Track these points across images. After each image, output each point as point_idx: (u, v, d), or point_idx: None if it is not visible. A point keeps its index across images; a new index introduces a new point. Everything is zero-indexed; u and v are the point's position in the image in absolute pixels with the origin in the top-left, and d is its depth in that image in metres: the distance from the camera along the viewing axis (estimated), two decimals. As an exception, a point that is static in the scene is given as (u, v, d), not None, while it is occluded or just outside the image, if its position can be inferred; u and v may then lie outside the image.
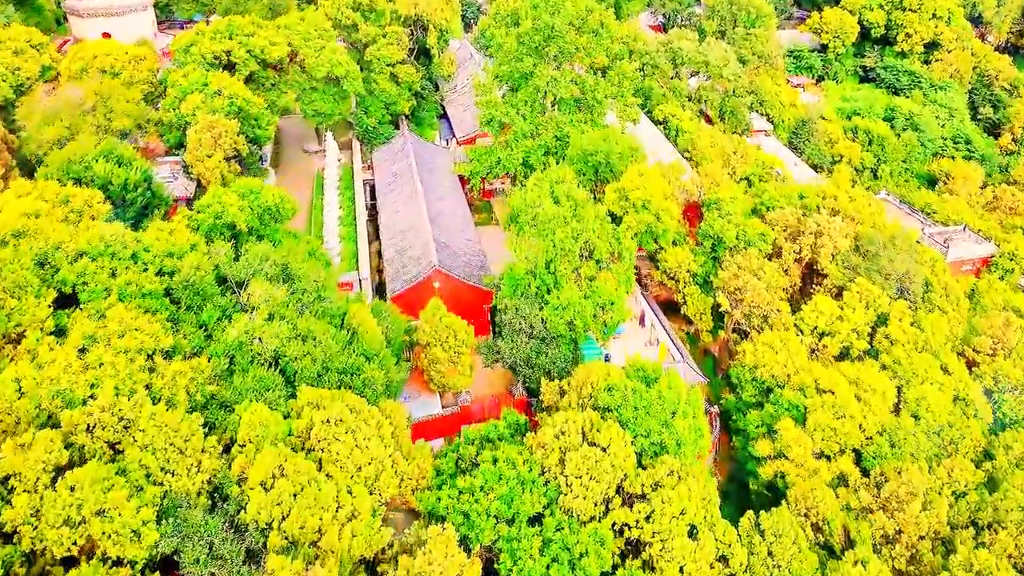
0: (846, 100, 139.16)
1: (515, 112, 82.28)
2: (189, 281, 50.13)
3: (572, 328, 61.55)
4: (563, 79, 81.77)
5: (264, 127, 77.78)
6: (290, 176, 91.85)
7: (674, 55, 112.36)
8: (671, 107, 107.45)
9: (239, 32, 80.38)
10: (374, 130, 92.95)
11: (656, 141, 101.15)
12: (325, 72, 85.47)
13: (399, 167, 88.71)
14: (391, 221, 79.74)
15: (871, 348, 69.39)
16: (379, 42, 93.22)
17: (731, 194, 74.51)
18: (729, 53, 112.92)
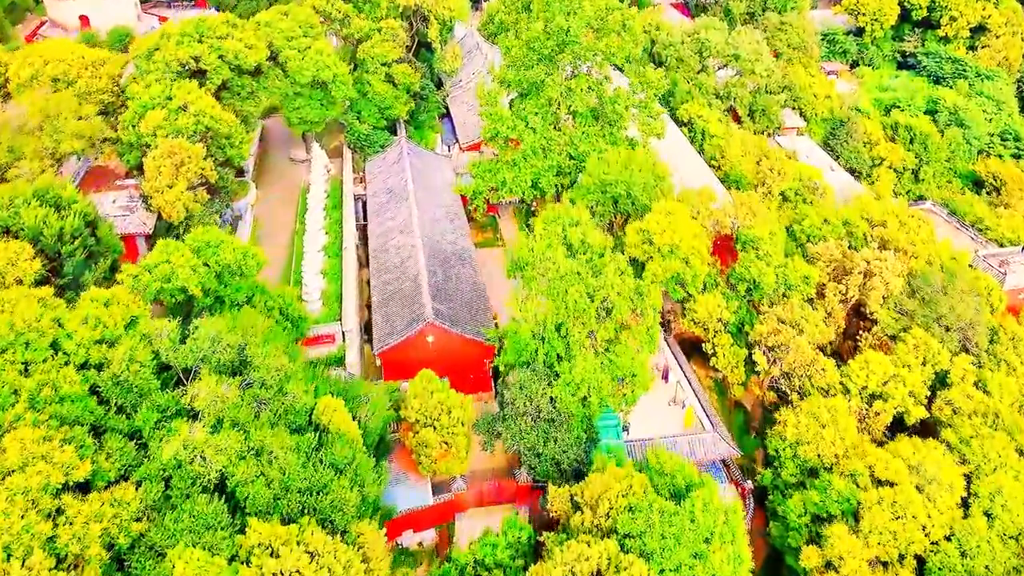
0: (883, 90, 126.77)
1: (523, 125, 71.46)
2: (121, 377, 40.48)
3: (586, 403, 51.81)
4: (579, 88, 70.82)
5: (237, 146, 67.38)
6: (274, 190, 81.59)
7: (701, 47, 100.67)
8: (697, 107, 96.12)
9: (210, 34, 69.56)
10: (367, 137, 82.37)
11: (679, 147, 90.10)
12: (310, 76, 74.77)
13: (394, 182, 78.26)
14: (381, 250, 69.61)
15: (930, 416, 59.43)
16: (373, 38, 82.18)
17: (769, 229, 63.89)
18: (761, 45, 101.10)
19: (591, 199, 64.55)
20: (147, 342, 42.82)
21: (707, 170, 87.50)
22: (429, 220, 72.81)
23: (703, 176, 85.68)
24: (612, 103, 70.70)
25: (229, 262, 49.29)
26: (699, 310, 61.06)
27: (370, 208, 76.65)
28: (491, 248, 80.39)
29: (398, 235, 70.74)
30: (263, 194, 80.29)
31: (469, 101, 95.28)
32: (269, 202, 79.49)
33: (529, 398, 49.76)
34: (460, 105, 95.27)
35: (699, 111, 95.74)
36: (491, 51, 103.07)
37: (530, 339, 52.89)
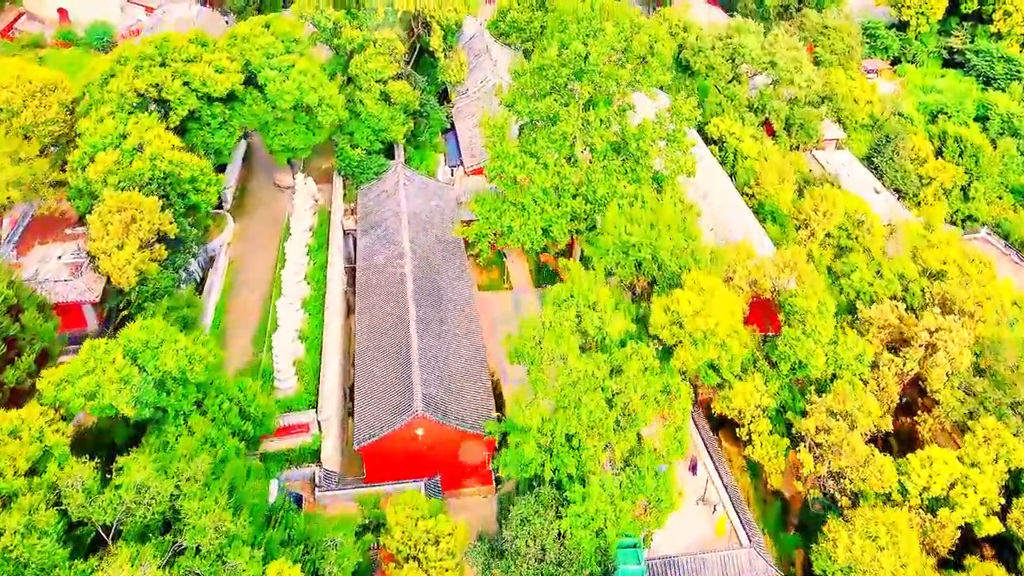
0: (928, 91, 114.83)
1: (534, 161, 61.17)
2: (11, 554, 31.46)
3: (601, 535, 42.56)
4: (597, 120, 60.41)
5: (205, 190, 57.70)
6: (257, 222, 71.86)
7: (733, 53, 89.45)
8: (728, 123, 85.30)
9: (175, 56, 59.52)
10: (360, 163, 72.33)
11: (708, 169, 79.47)
12: (293, 101, 64.71)
13: (387, 217, 68.44)
14: (367, 308, 60.16)
15: (1006, 530, 49.93)
16: (367, 51, 71.72)
17: (818, 298, 53.75)
18: (801, 52, 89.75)
19: (611, 260, 54.63)
20: (54, 496, 33.72)
21: (739, 199, 77.08)
22: (425, 263, 63.22)
23: (734, 206, 75.36)
24: (636, 139, 60.28)
25: (171, 369, 39.92)
26: (735, 398, 51.37)
27: (360, 249, 66.97)
28: (496, 291, 70.75)
29: (388, 286, 61.22)
30: (244, 227, 70.71)
31: (476, 114, 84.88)
32: (250, 237, 69.90)
33: (533, 536, 40.51)
34: (466, 119, 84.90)
35: (731, 127, 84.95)
36: (501, 54, 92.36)
37: (536, 451, 43.53)
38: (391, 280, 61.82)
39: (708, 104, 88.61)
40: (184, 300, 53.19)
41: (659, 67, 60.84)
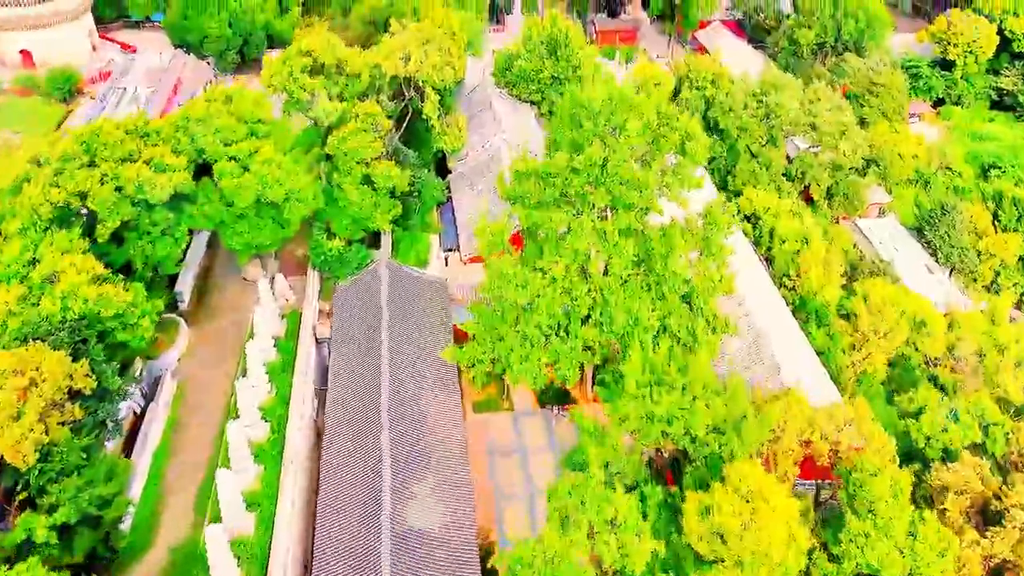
0: (977, 138, 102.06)
1: (539, 276, 49.22)
2: None
3: None
4: (614, 231, 48.48)
5: (135, 325, 46.28)
6: (216, 328, 60.46)
7: (769, 112, 77.09)
8: (763, 196, 73.06)
9: (106, 155, 48.04)
10: (338, 257, 60.78)
11: (740, 253, 67.39)
12: (253, 197, 53.24)
13: (364, 326, 56.87)
14: (334, 457, 48.70)
15: None
16: (347, 126, 59.99)
17: (891, 479, 41.84)
18: (846, 112, 77.26)
19: (631, 427, 42.85)
20: None
21: (776, 295, 64.96)
22: (407, 386, 51.75)
23: (770, 305, 63.25)
24: (663, 257, 48.30)
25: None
26: (789, 617, 39.64)
27: (331, 368, 55.41)
28: (494, 412, 59.11)
29: (360, 422, 49.77)
30: (202, 335, 59.39)
31: (477, 183, 73.14)
32: (208, 348, 58.58)
33: None
34: (464, 190, 73.08)
35: (766, 201, 72.67)
36: (506, 110, 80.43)
37: None
38: (364, 415, 50.35)
39: (739, 171, 76.42)
40: (102, 471, 41.86)
41: (692, 168, 48.83)
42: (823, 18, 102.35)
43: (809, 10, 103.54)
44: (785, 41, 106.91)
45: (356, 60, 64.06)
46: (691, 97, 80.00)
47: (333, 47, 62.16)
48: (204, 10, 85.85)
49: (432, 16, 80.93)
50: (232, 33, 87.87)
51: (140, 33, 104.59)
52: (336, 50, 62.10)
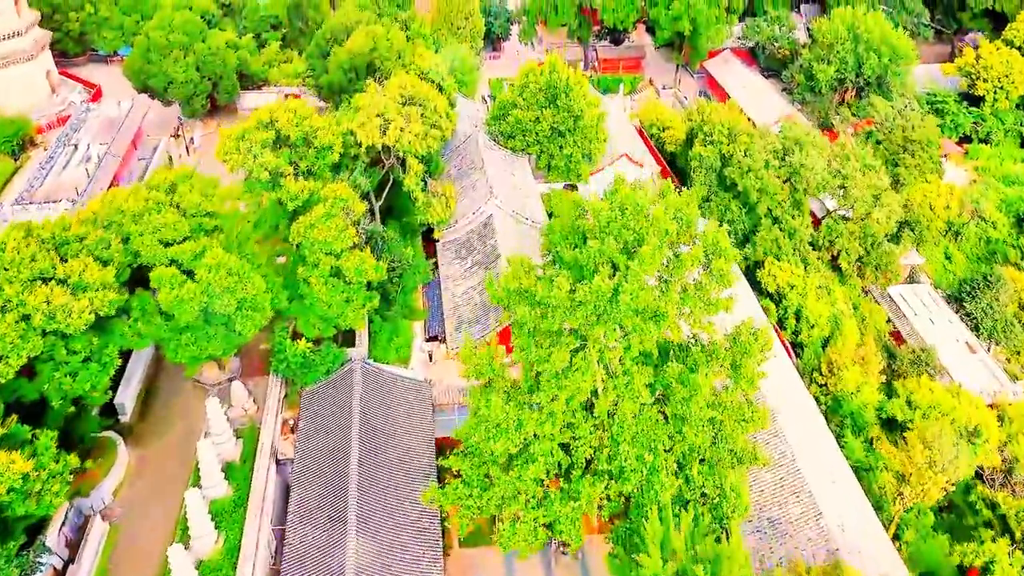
0: (1010, 183, 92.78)
1: (535, 417, 40.14)
2: None
3: None
4: (625, 369, 39.46)
5: (42, 492, 37.21)
6: (160, 446, 51.34)
7: (792, 174, 67.89)
8: (787, 270, 63.95)
9: (10, 276, 38.88)
10: (303, 362, 51.71)
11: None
12: (198, 310, 44.18)
13: (331, 447, 47.96)
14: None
15: None
16: (315, 210, 50.83)
17: None
18: (880, 174, 68.02)
19: None
20: None
21: (803, 393, 55.96)
22: (380, 525, 42.82)
23: (798, 405, 54.26)
24: (683, 400, 39.20)
25: None
26: None
27: (291, 504, 46.35)
28: (484, 547, 50.11)
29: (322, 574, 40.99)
30: (145, 457, 50.36)
31: (468, 257, 64.09)
32: (151, 475, 49.55)
33: None
34: (453, 264, 63.97)
35: (790, 277, 63.61)
36: (499, 168, 71.20)
37: None
38: (326, 562, 41.50)
39: (760, 239, 67.23)
40: None
41: (720, 290, 39.76)
42: (843, 52, 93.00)
43: (828, 44, 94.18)
44: (802, 76, 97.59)
45: (327, 132, 54.71)
46: (705, 154, 70.69)
47: (300, 118, 52.85)
48: (168, 53, 76.48)
49: (418, 61, 71.90)
50: (200, 77, 78.48)
51: (108, 68, 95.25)
52: (303, 122, 52.78)
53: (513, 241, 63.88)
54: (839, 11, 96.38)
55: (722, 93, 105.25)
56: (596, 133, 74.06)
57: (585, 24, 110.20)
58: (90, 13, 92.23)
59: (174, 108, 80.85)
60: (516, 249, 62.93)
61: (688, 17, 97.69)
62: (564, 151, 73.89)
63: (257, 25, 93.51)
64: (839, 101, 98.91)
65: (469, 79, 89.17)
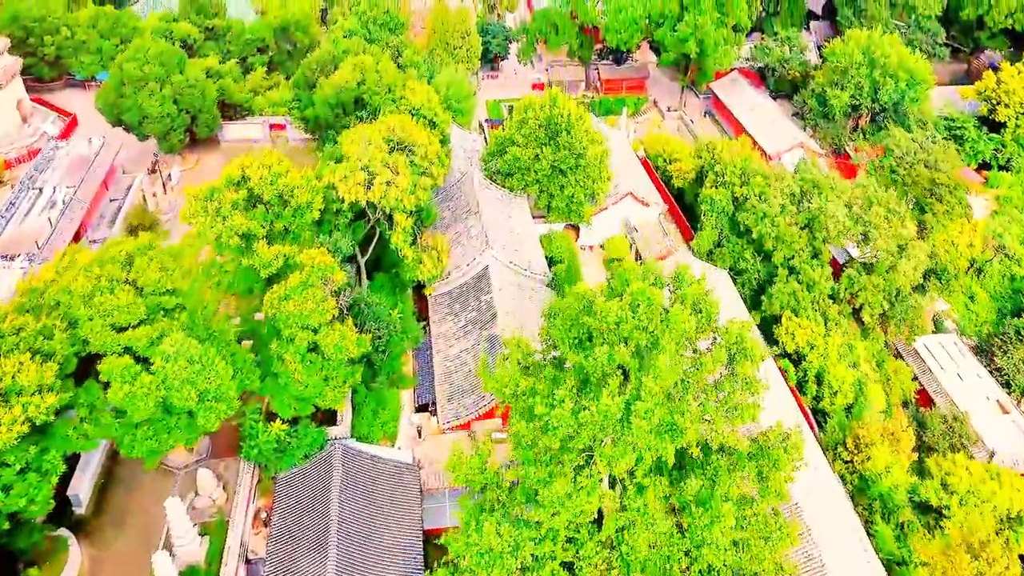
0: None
1: (534, 535, 34.73)
2: None
3: None
4: (641, 474, 33.99)
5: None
6: (119, 544, 45.80)
7: (811, 221, 62.35)
8: (806, 327, 58.42)
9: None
10: (276, 447, 46.19)
11: (778, 402, 53.01)
12: (153, 406, 38.67)
13: (307, 542, 42.50)
14: None
15: None
16: (290, 280, 45.27)
17: None
18: (907, 223, 62.46)
19: None
20: None
21: (827, 472, 50.49)
22: None
23: (821, 488, 48.72)
24: (705, 528, 33.63)
25: None
26: None
27: (265, 618, 41.02)
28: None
29: None
30: (101, 556, 44.84)
31: (462, 313, 58.55)
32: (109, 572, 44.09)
33: None
34: (446, 321, 58.47)
35: (811, 336, 58.09)
36: (495, 212, 65.65)
37: None
38: None
39: (776, 291, 61.64)
40: None
41: (746, 398, 34.23)
42: (858, 77, 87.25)
43: (842, 69, 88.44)
44: (814, 101, 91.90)
45: (304, 191, 49.07)
46: (717, 197, 65.12)
47: (275, 176, 47.26)
48: (142, 86, 70.80)
49: (409, 96, 66.31)
50: (178, 110, 72.80)
51: (86, 93, 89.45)
52: (279, 180, 47.19)
53: (510, 296, 58.42)
54: (854, 33, 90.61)
55: (729, 115, 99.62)
56: (599, 172, 68.42)
57: (587, 43, 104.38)
58: (66, 37, 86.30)
59: (151, 141, 75.11)
60: (513, 307, 57.52)
61: (695, 39, 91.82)
62: (565, 191, 68.33)
63: (242, 49, 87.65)
64: (853, 127, 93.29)
65: (465, 106, 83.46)
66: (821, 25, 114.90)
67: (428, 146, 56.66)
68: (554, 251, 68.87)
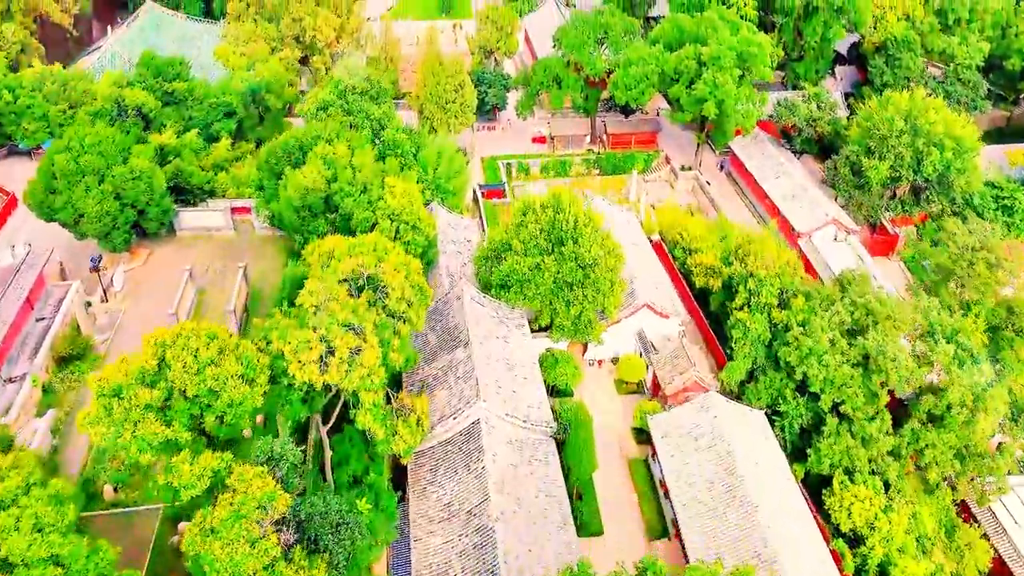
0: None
1: None
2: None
3: None
4: None
5: None
6: None
7: (865, 356, 50.74)
8: (866, 500, 47.03)
9: None
10: None
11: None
12: None
13: None
14: None
15: None
16: (215, 513, 33.68)
17: None
18: (980, 358, 50.87)
19: None
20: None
21: None
22: None
23: None
24: None
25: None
26: None
27: None
28: None
29: None
30: None
31: (446, 485, 47.01)
32: None
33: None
34: (426, 494, 46.98)
35: (868, 512, 46.67)
36: (489, 326, 54.20)
37: None
38: None
39: (825, 448, 50.12)
40: None
41: None
42: (899, 146, 75.41)
43: (880, 136, 76.64)
44: (847, 170, 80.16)
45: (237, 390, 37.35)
46: (751, 324, 53.55)
47: (203, 363, 35.71)
48: (76, 181, 59.15)
49: (388, 199, 54.82)
50: (120, 206, 61.15)
51: (31, 163, 77.82)
52: (207, 370, 35.63)
53: (507, 461, 47.04)
54: (894, 96, 78.67)
55: (750, 178, 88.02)
56: (612, 288, 56.84)
57: (592, 95, 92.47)
58: (8, 102, 74.47)
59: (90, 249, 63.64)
60: (510, 477, 46.13)
61: (715, 100, 79.88)
62: (571, 309, 56.72)
63: (207, 114, 75.77)
64: (890, 196, 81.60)
65: (457, 183, 71.99)
66: (848, 70, 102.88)
67: (404, 287, 45.06)
68: (557, 377, 57.52)
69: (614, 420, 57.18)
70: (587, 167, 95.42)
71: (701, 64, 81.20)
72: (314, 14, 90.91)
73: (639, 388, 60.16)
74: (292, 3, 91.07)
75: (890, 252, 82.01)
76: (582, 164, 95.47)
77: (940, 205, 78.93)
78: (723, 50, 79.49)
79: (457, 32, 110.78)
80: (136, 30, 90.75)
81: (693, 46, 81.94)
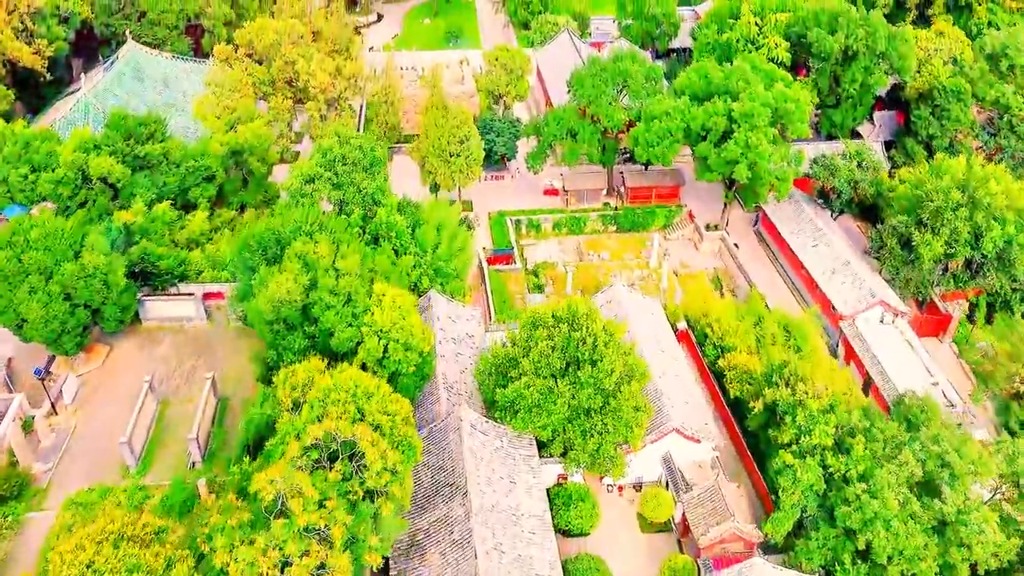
0: None
1: None
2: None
3: None
4: None
5: None
6: None
7: (942, 519, 41.46)
8: None
9: None
10: None
11: None
12: None
13: None
14: None
15: None
16: None
17: None
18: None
19: None
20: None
21: None
22: None
23: None
24: None
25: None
26: None
27: None
28: None
29: None
30: None
31: None
32: None
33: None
34: None
35: None
36: (491, 463, 45.25)
37: None
38: None
39: None
40: None
41: None
42: (955, 220, 65.86)
43: (933, 209, 67.09)
44: (895, 242, 70.63)
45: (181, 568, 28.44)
46: (802, 474, 44.26)
47: None
48: (19, 282, 50.40)
49: (376, 314, 45.87)
50: (71, 307, 52.35)
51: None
52: None
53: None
54: (950, 163, 69.05)
55: (784, 245, 78.53)
56: (637, 417, 47.71)
57: (610, 147, 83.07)
58: (-37, 165, 65.77)
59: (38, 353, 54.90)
60: None
61: (747, 161, 70.42)
62: (589, 441, 47.63)
63: (183, 180, 66.87)
64: (942, 271, 71.95)
65: (459, 262, 63.05)
66: (886, 116, 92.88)
67: (387, 453, 36.11)
68: (571, 521, 48.51)
69: (638, 570, 48.09)
70: (603, 223, 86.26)
71: (732, 121, 71.69)
72: (308, 57, 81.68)
73: (666, 526, 51.05)
74: (284, 44, 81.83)
75: (941, 333, 72.49)
76: (598, 220, 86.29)
77: (999, 282, 69.21)
78: (756, 107, 70.00)
79: (464, 68, 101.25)
80: (114, 77, 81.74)
81: (723, 100, 72.44)
